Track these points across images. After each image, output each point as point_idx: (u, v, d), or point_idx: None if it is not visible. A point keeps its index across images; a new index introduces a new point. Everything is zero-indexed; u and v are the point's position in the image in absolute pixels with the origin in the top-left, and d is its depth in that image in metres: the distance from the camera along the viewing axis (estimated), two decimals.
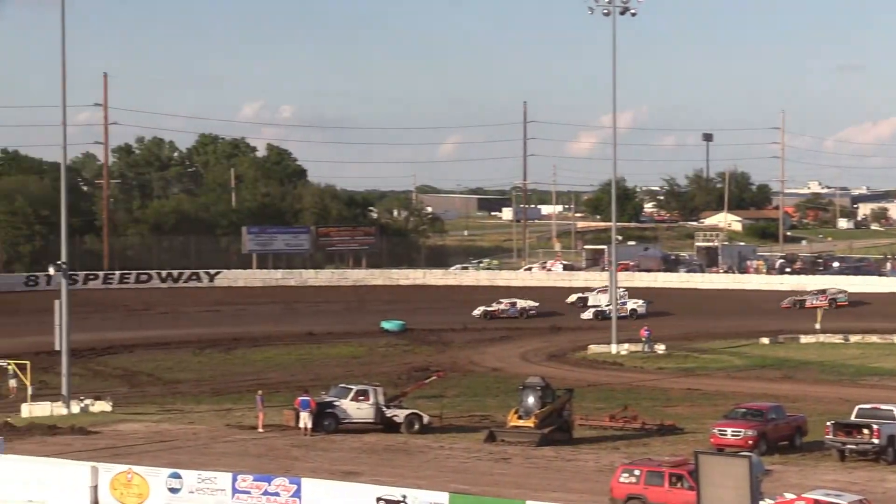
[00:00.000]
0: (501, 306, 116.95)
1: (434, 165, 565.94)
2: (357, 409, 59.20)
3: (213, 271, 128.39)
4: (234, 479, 43.60)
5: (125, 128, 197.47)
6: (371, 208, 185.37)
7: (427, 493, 40.93)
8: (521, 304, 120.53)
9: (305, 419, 57.67)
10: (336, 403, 59.47)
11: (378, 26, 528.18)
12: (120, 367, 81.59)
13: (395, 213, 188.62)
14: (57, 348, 69.15)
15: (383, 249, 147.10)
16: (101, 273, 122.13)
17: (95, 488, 44.55)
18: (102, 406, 66.10)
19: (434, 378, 68.29)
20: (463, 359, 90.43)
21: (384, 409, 59.58)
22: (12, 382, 70.10)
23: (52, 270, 74.47)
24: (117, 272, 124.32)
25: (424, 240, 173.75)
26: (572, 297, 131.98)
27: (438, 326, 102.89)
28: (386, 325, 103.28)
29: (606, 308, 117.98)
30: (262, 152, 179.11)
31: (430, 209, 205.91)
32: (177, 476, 44.43)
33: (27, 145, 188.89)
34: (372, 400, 59.66)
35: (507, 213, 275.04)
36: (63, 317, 68.52)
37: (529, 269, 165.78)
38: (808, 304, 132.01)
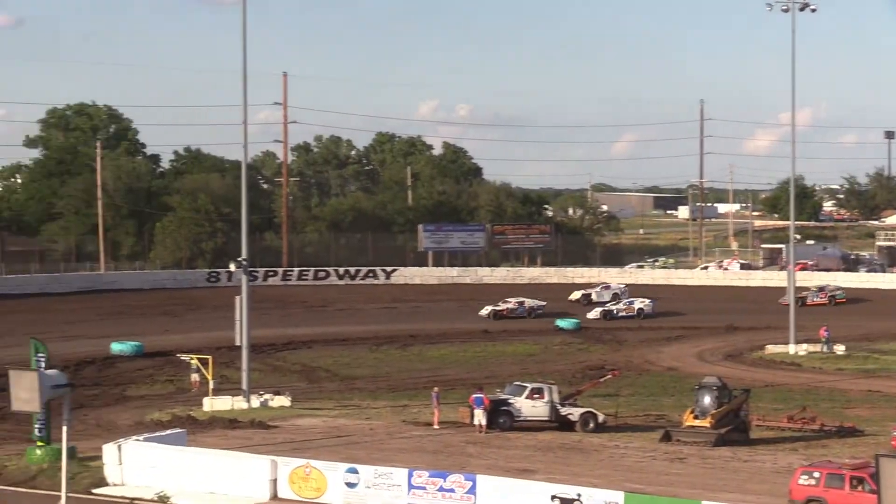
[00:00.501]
0: (509, 305, 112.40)
1: (610, 163, 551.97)
2: (532, 407, 59.41)
3: (389, 269, 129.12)
4: (410, 475, 44.16)
5: (304, 126, 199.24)
6: (546, 206, 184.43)
7: (602, 491, 41.11)
8: (529, 302, 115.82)
9: (480, 416, 58.10)
10: (511, 401, 59.71)
11: (554, 25, 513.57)
12: (298, 362, 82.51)
13: (571, 211, 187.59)
14: (237, 344, 70.32)
15: (558, 248, 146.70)
16: (280, 270, 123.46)
17: (275, 482, 45.48)
18: (282, 401, 67.10)
19: (609, 377, 68.17)
20: (638, 357, 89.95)
21: (559, 407, 59.70)
22: (195, 377, 71.28)
23: (233, 267, 75.58)
24: (296, 269, 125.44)
25: (599, 238, 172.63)
26: (576, 294, 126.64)
27: (613, 325, 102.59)
28: (561, 323, 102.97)
29: (614, 308, 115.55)
30: (438, 150, 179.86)
31: (605, 207, 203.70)
32: (354, 471, 45.15)
33: (209, 144, 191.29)
34: (547, 398, 59.86)
35: (683, 212, 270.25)
36: (243, 313, 69.77)
37: (706, 268, 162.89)
38: (808, 301, 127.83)
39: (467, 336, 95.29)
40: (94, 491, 44.94)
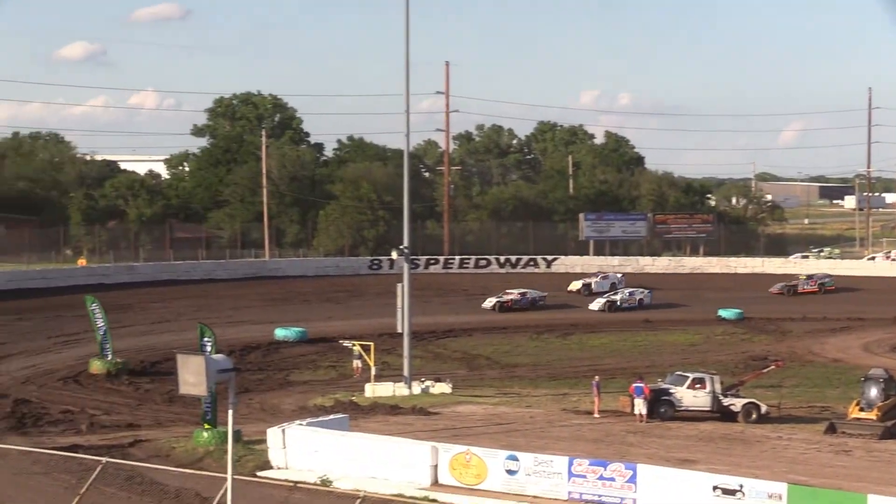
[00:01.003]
0: (512, 296, 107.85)
1: (774, 153, 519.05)
2: (693, 398, 59.34)
3: (550, 257, 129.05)
4: (570, 463, 44.26)
5: (466, 116, 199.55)
6: (709, 196, 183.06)
7: (765, 483, 40.76)
8: (531, 293, 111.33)
9: (640, 406, 58.17)
10: (672, 391, 59.74)
11: (716, 14, 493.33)
12: (459, 350, 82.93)
13: (734, 200, 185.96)
14: (399, 331, 71.01)
15: (721, 237, 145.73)
16: (441, 258, 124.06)
17: (435, 467, 45.83)
18: (442, 388, 67.55)
19: (772, 368, 67.78)
20: (802, 348, 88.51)
21: (721, 397, 59.46)
22: (357, 363, 71.92)
23: (395, 255, 76.34)
24: (457, 257, 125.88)
25: (763, 228, 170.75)
26: (576, 284, 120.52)
27: (776, 315, 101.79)
28: (723, 312, 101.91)
29: (618, 298, 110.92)
30: (599, 139, 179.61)
31: (769, 197, 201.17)
32: (514, 458, 45.38)
33: (372, 133, 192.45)
34: (708, 388, 59.66)
35: (849, 202, 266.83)
36: (405, 300, 70.42)
37: (872, 258, 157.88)
38: (799, 289, 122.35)
39: (628, 325, 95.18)
40: (259, 474, 45.67)
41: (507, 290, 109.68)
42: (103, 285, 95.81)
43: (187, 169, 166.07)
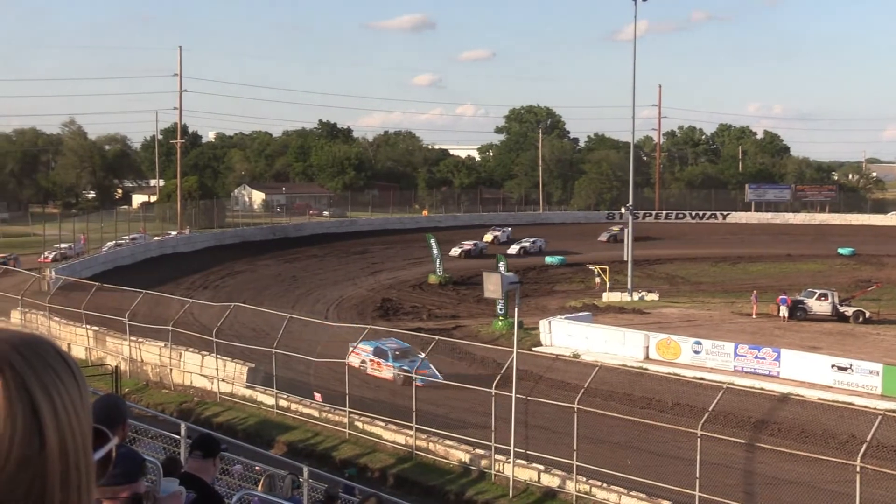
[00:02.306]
0: (468, 247, 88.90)
1: (880, 143, 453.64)
2: (819, 306, 57.88)
3: (725, 213, 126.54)
4: (736, 347, 43.99)
5: (671, 120, 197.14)
6: (833, 172, 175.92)
7: (867, 363, 40.22)
8: (480, 244, 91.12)
9: (783, 311, 57.08)
10: (805, 301, 58.53)
11: (834, 33, 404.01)
12: (664, 272, 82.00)
13: (850, 176, 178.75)
14: (625, 259, 70.67)
15: (840, 201, 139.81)
16: (653, 212, 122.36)
17: (647, 348, 46.07)
18: (652, 297, 66.97)
19: (874, 287, 65.85)
20: None
21: (838, 306, 58.14)
22: (597, 280, 71.80)
23: (623, 210, 76.58)
24: (664, 212, 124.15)
25: (870, 195, 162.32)
26: (489, 236, 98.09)
27: (882, 253, 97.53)
28: (841, 250, 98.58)
29: (528, 244, 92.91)
30: (760, 135, 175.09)
31: (874, 174, 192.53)
32: (698, 343, 45.19)
33: (610, 130, 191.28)
34: (830, 300, 58.18)
35: None
36: (629, 239, 70.09)
37: None
38: None
39: (775, 258, 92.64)
40: (533, 349, 46.11)
41: (463, 242, 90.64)
42: (437, 227, 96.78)
43: (491, 154, 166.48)
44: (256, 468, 20.83)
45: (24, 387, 1.19)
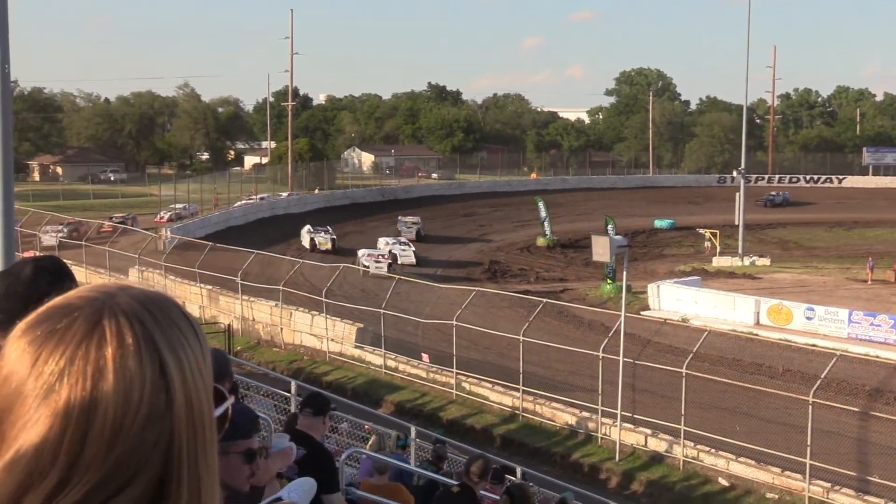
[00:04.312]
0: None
1: None
2: None
3: (841, 176, 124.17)
4: (850, 314, 43.27)
5: (786, 81, 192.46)
6: None
7: None
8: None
9: None
10: None
11: None
12: (776, 237, 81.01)
13: None
14: (736, 223, 69.95)
15: None
16: (766, 176, 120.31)
17: (757, 313, 45.60)
18: (763, 262, 66.23)
19: None
20: None
21: None
22: (707, 244, 71.34)
23: (735, 173, 75.84)
24: (776, 175, 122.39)
25: None
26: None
27: None
28: None
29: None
30: (879, 97, 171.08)
31: None
32: (811, 309, 44.55)
33: (723, 92, 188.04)
34: None
35: None
36: (741, 202, 69.27)
37: None
38: None
39: (893, 223, 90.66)
40: (642, 313, 45.81)
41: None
42: (546, 190, 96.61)
43: (601, 117, 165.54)
44: (365, 427, 21.12)
45: (153, 344, 1.21)
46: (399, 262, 59.46)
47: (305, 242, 66.20)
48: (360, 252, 59.05)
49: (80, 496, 1.17)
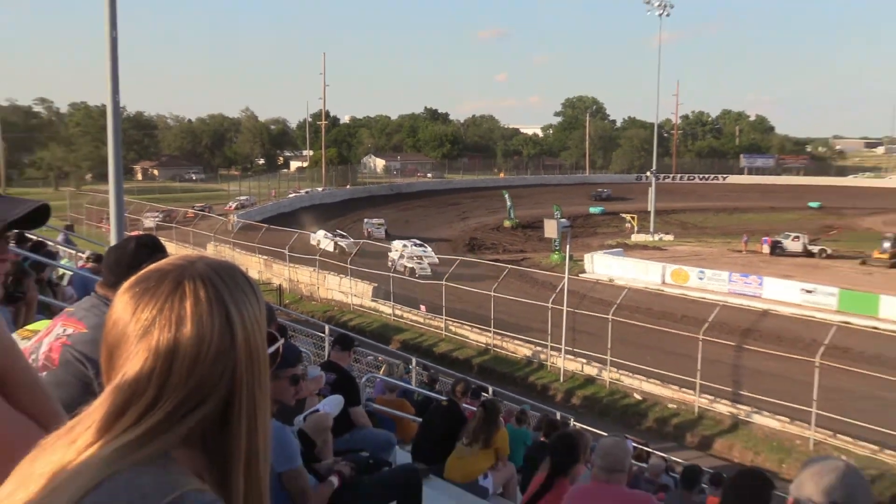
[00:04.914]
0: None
1: (843, 124, 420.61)
2: (793, 245, 56.39)
3: (725, 176, 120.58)
4: (730, 275, 43.47)
5: (685, 106, 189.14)
6: (808, 146, 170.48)
7: (827, 287, 39.29)
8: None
9: (766, 248, 56.07)
10: (782, 241, 57.19)
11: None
12: (678, 220, 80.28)
13: (820, 148, 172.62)
14: (649, 210, 69.89)
15: (812, 168, 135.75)
16: (671, 175, 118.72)
17: (664, 275, 45.62)
18: (668, 238, 66.25)
19: (835, 232, 65.07)
20: (853, 224, 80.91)
21: (807, 245, 56.39)
22: (628, 225, 71.36)
23: (648, 173, 74.49)
24: (678, 175, 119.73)
25: (833, 161, 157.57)
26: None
27: (842, 206, 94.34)
28: (811, 204, 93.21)
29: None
30: (752, 118, 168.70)
31: (838, 147, 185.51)
32: (702, 272, 44.75)
33: (640, 114, 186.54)
34: (801, 241, 56.46)
35: (879, 150, 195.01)
36: (652, 195, 69.14)
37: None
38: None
39: (761, 209, 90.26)
40: (580, 275, 45.77)
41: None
42: (510, 186, 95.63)
43: (551, 132, 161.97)
44: (379, 358, 21.21)
45: (221, 299, 1.27)
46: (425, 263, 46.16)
47: (326, 246, 50.50)
48: (395, 255, 47.56)
49: (168, 411, 1.22)
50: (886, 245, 53.42)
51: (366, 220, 66.12)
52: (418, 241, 51.70)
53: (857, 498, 2.55)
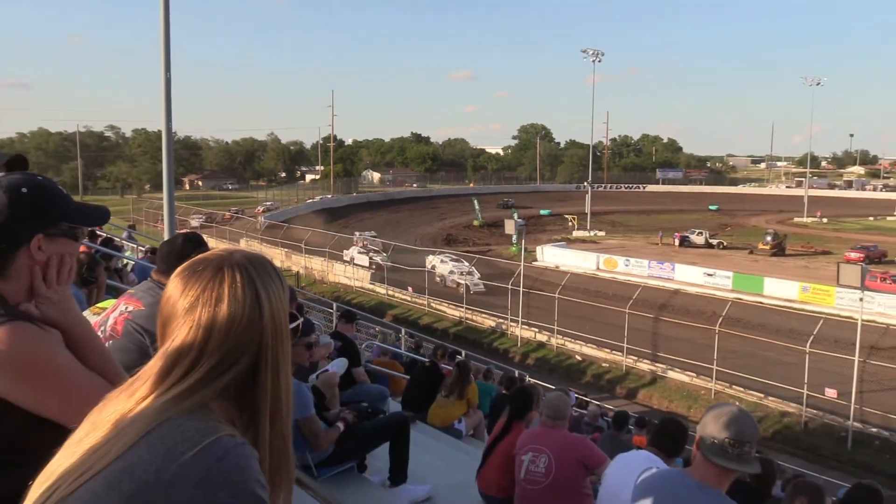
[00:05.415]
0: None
1: (736, 144, 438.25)
2: (697, 238, 56.35)
3: (644, 185, 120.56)
4: (649, 263, 43.42)
5: (614, 130, 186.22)
6: (708, 162, 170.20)
7: (723, 271, 38.99)
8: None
9: (677, 242, 56.02)
10: (689, 236, 57.12)
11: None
12: (609, 220, 79.53)
13: (717, 164, 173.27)
14: (586, 212, 70.00)
15: (711, 179, 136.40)
16: (603, 185, 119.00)
17: (598, 263, 45.36)
18: (601, 234, 66.10)
19: (728, 228, 65.10)
20: (743, 222, 79.43)
21: (708, 239, 56.47)
22: (570, 224, 70.40)
23: (585, 184, 73.66)
24: (609, 185, 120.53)
25: (727, 174, 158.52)
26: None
27: (734, 209, 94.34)
28: (711, 207, 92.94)
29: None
30: (665, 140, 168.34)
31: (731, 163, 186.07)
32: (628, 260, 44.56)
33: (579, 137, 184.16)
34: (703, 235, 56.47)
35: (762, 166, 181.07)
36: (588, 200, 69.19)
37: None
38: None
39: (672, 211, 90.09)
40: (533, 263, 45.51)
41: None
42: (478, 194, 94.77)
43: (510, 151, 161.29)
44: (376, 328, 21.15)
45: (252, 283, 1.28)
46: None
47: (360, 261, 42.48)
48: (445, 270, 39.28)
49: (207, 370, 1.24)
50: (769, 238, 53.90)
51: (357, 232, 53.42)
52: (453, 256, 42.47)
53: (746, 433, 2.61)
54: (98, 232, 9.58)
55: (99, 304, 3.67)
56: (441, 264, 40.47)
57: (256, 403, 1.28)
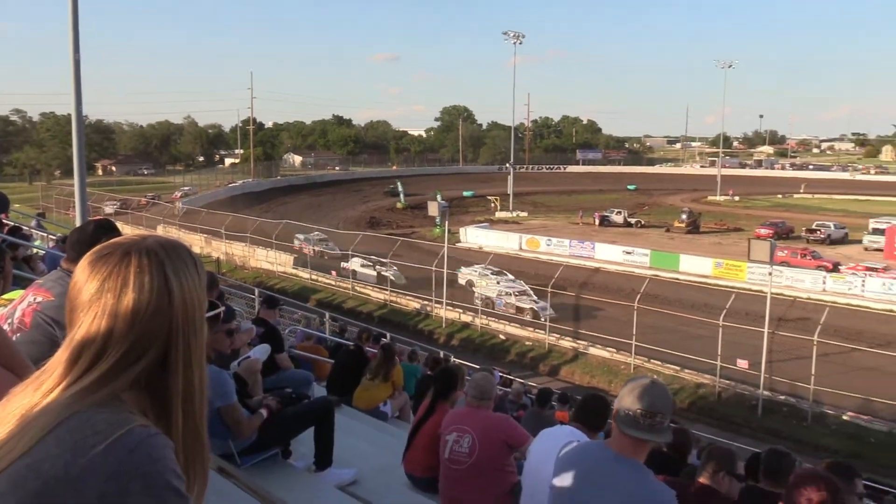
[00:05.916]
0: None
1: (655, 125, 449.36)
2: (616, 218, 57.74)
3: (565, 166, 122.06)
4: (570, 242, 44.19)
5: (535, 112, 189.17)
6: (626, 143, 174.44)
7: (641, 249, 39.99)
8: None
9: (597, 221, 57.20)
10: (609, 215, 58.30)
11: None
12: (530, 201, 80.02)
13: (635, 145, 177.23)
14: (508, 193, 70.76)
15: (629, 160, 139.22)
16: (525, 166, 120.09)
17: (520, 242, 45.99)
18: (523, 215, 66.92)
19: (646, 207, 66.36)
20: (660, 201, 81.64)
21: (627, 218, 57.84)
22: (493, 205, 71.37)
23: (507, 165, 74.08)
24: (531, 166, 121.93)
25: (644, 156, 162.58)
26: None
27: (651, 188, 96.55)
28: (629, 187, 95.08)
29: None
30: (585, 122, 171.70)
31: (648, 143, 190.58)
32: (549, 239, 45.30)
33: (501, 119, 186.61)
34: (622, 215, 57.77)
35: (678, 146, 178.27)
36: (511, 181, 69.91)
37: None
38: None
39: (592, 191, 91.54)
40: (457, 245, 45.99)
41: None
42: (401, 176, 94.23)
43: (433, 133, 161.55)
44: (299, 313, 20.93)
45: (161, 268, 1.23)
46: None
47: (364, 277, 35.62)
48: (492, 292, 31.01)
49: (116, 359, 1.20)
50: (684, 217, 55.65)
51: (299, 235, 43.75)
52: (495, 269, 33.79)
53: (658, 404, 2.71)
54: (4, 221, 9.14)
55: (6, 296, 3.52)
56: (481, 280, 32.24)
57: (168, 393, 1.24)
